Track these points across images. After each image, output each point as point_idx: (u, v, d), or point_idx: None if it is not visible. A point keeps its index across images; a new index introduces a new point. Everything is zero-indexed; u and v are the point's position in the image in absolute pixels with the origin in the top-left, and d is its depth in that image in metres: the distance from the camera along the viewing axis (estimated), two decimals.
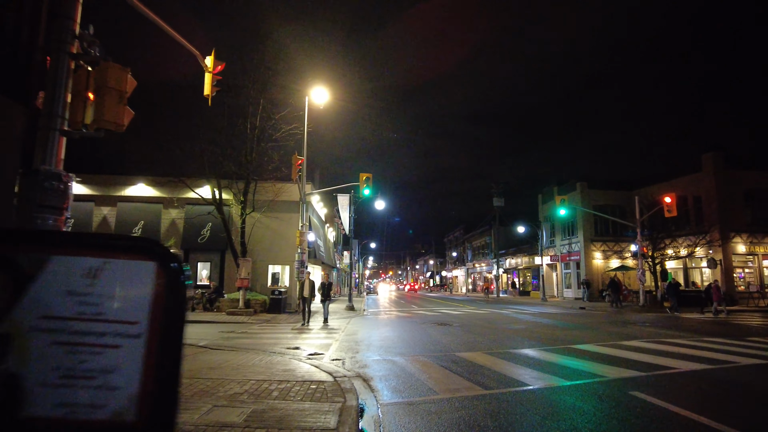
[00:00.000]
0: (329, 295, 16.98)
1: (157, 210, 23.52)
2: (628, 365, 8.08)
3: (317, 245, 26.19)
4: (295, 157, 19.31)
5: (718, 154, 30.64)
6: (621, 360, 8.64)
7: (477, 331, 14.05)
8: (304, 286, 16.16)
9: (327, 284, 17.03)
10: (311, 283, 16.67)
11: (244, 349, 10.14)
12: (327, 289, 16.85)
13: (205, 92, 11.53)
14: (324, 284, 16.95)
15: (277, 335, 13.28)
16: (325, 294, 16.76)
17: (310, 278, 16.76)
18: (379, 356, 9.43)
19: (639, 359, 8.70)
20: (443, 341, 11.69)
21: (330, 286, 17.30)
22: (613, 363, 8.33)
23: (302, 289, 16.20)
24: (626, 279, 36.49)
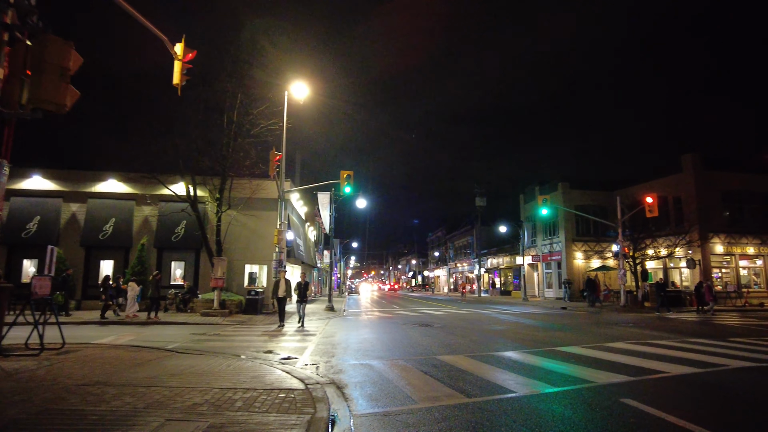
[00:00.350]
0: (305, 295, 15.98)
1: (130, 207, 22.63)
2: (616, 369, 7.73)
3: (296, 244, 25.57)
4: (273, 153, 18.69)
5: (696, 155, 30.88)
6: (608, 363, 8.29)
7: (459, 333, 13.65)
8: (279, 286, 15.39)
9: (303, 284, 16.01)
10: (287, 282, 15.79)
11: (213, 353, 9.55)
12: (303, 290, 15.85)
13: (174, 81, 10.90)
14: (300, 284, 16.01)
15: (251, 338, 12.70)
16: (301, 295, 15.81)
17: (286, 277, 16.01)
18: (356, 360, 8.94)
19: (627, 362, 8.37)
20: (424, 343, 11.25)
21: (306, 287, 16.21)
22: (601, 367, 7.98)
23: (277, 289, 15.45)
24: (607, 279, 36.66)
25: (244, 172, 21.09)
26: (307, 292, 16.14)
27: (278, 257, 20.42)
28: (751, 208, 31.49)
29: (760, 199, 31.59)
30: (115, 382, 6.43)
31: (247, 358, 9.07)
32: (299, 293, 15.79)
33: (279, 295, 15.33)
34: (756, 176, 31.31)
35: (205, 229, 21.74)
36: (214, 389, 6.20)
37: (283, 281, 15.59)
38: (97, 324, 16.04)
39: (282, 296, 15.32)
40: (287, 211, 23.70)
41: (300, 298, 15.77)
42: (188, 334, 13.41)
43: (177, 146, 19.86)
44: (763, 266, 31.27)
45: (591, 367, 7.90)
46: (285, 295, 15.42)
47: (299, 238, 27.43)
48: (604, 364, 8.18)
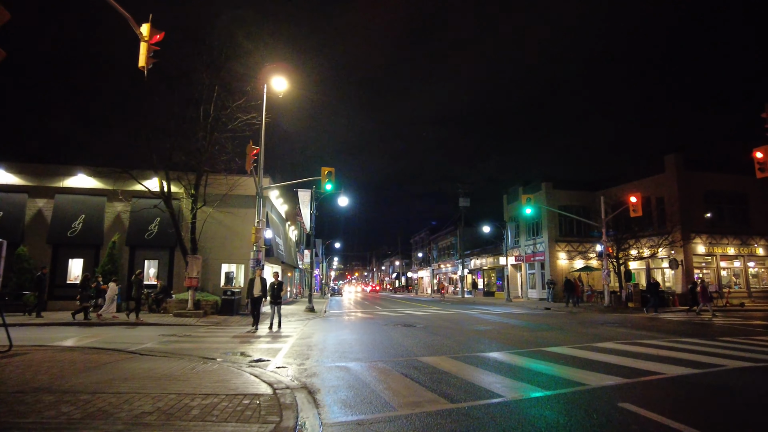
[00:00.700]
0: (279, 296, 14.85)
1: (101, 203, 21.65)
2: (609, 370, 7.26)
3: (276, 243, 24.82)
4: (250, 147, 17.97)
5: (679, 156, 30.92)
6: (600, 364, 7.83)
7: (442, 333, 13.12)
8: (254, 285, 14.34)
9: (276, 284, 14.85)
10: (262, 281, 14.73)
11: (179, 356, 8.85)
12: (276, 290, 14.74)
13: (140, 63, 10.17)
14: (273, 284, 14.83)
15: (223, 339, 11.99)
16: (275, 296, 14.71)
17: (261, 276, 14.97)
18: (332, 363, 8.33)
19: (619, 363, 7.91)
20: (405, 344, 10.69)
21: (280, 287, 15.02)
22: (592, 368, 7.50)
23: (251, 288, 14.37)
24: (590, 279, 36.59)
25: (221, 167, 20.32)
26: (281, 292, 15.07)
27: (256, 256, 19.69)
28: (730, 209, 31.67)
29: (740, 200, 31.80)
30: (57, 389, 5.72)
31: (215, 360, 8.39)
32: (273, 294, 14.74)
33: (254, 294, 14.27)
34: (735, 177, 31.49)
35: (180, 226, 20.89)
36: (170, 395, 5.54)
37: (258, 280, 14.51)
38: (68, 325, 15.21)
39: (257, 296, 14.32)
40: (266, 208, 22.96)
41: (274, 299, 14.72)
42: (157, 335, 12.64)
43: (149, 139, 19.00)
44: (743, 267, 31.46)
45: (582, 369, 7.42)
46: (261, 295, 14.47)
47: (279, 237, 26.68)
48: (596, 365, 7.71)
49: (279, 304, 14.82)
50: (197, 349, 10.12)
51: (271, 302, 14.79)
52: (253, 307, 14.47)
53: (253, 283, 14.46)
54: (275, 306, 14.68)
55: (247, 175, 20.99)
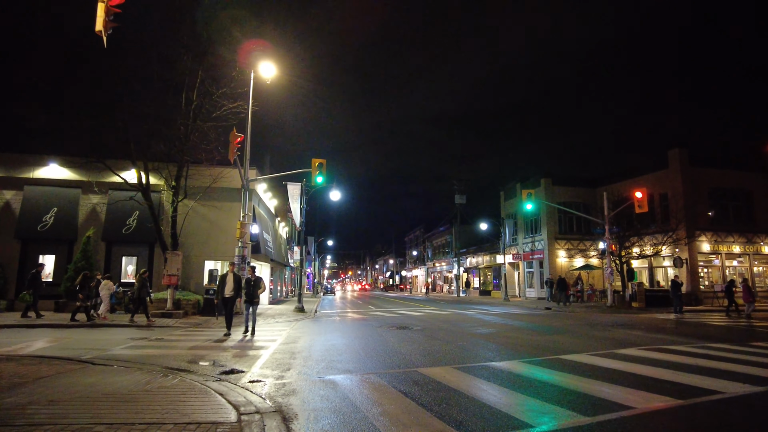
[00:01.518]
0: (255, 295, 12.59)
1: (75, 195, 20.21)
2: (652, 386, 6.03)
3: (263, 239, 23.47)
4: (233, 134, 16.61)
5: (683, 151, 29.89)
6: (636, 379, 6.60)
7: (442, 337, 11.87)
8: (226, 282, 12.53)
9: (252, 281, 12.70)
10: (236, 278, 12.82)
11: (139, 366, 7.55)
12: (252, 288, 12.59)
13: (97, 27, 8.77)
14: (249, 281, 12.67)
15: (199, 344, 10.66)
16: (250, 294, 12.54)
17: (235, 272, 13.07)
18: (317, 375, 7.05)
19: (657, 376, 6.69)
20: (402, 351, 9.41)
21: (257, 284, 12.74)
22: (629, 383, 6.27)
23: (222, 287, 12.54)
24: (590, 278, 35.55)
25: (203, 156, 18.95)
26: (257, 290, 12.66)
27: (241, 252, 18.42)
28: (735, 206, 30.73)
29: (745, 197, 30.87)
30: None
31: (179, 372, 7.08)
32: (247, 292, 12.56)
33: (225, 293, 12.47)
34: (740, 174, 30.57)
35: (160, 220, 19.55)
36: (100, 425, 4.25)
37: (231, 276, 12.66)
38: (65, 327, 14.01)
39: (230, 295, 12.54)
40: (252, 202, 21.62)
41: (249, 299, 12.51)
42: (125, 339, 11.31)
43: (126, 126, 17.59)
44: (748, 265, 30.49)
45: (617, 384, 6.19)
46: (233, 294, 12.62)
47: (267, 233, 25.32)
48: (632, 380, 6.48)
49: (255, 305, 12.70)
50: (164, 356, 8.80)
51: (246, 302, 12.58)
52: (225, 309, 12.72)
53: (224, 281, 12.61)
54: (250, 307, 12.55)
55: (231, 166, 19.65)
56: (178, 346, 10.22)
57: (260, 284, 12.80)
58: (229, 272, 12.88)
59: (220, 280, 12.74)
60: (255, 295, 12.59)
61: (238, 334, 12.19)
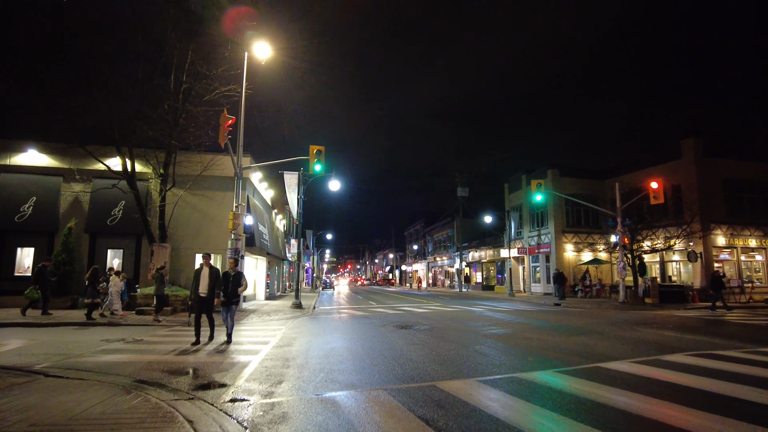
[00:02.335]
0: (236, 294, 10.27)
1: (56, 184, 18.88)
2: (731, 410, 4.78)
3: (259, 231, 22.18)
4: (224, 116, 15.25)
5: (698, 140, 28.61)
6: (706, 398, 5.35)
7: (454, 338, 10.63)
8: (200, 278, 10.07)
9: (232, 275, 10.31)
10: (213, 273, 10.21)
11: (101, 377, 6.32)
12: (232, 285, 10.20)
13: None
14: (228, 276, 10.29)
15: (180, 347, 9.40)
16: (229, 294, 10.15)
17: (211, 265, 10.42)
18: (315, 392, 5.79)
19: (732, 393, 5.43)
20: (413, 357, 8.16)
21: (237, 280, 10.35)
22: (701, 403, 5.02)
23: (197, 284, 10.07)
24: (598, 273, 34.36)
25: (190, 139, 17.64)
26: (238, 288, 10.31)
27: (233, 245, 17.15)
28: (750, 199, 29.47)
29: (761, 188, 29.61)
30: None
31: (145, 386, 5.83)
32: (225, 291, 10.17)
33: (200, 292, 9.97)
34: (756, 165, 29.29)
35: (148, 210, 18.29)
36: None
37: (206, 271, 10.17)
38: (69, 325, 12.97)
39: (205, 294, 9.97)
40: (246, 191, 20.34)
41: (227, 298, 10.16)
42: (98, 341, 10.06)
43: (109, 108, 16.25)
44: (765, 260, 29.29)
45: (691, 406, 4.93)
46: (209, 294, 10.02)
47: (263, 225, 24.02)
48: (703, 400, 5.23)
49: (234, 304, 10.33)
50: (136, 363, 7.55)
51: (223, 303, 10.18)
52: (197, 311, 10.00)
53: (199, 277, 10.12)
54: (228, 309, 10.21)
55: (223, 153, 18.37)
56: (156, 350, 8.96)
57: (241, 281, 10.40)
58: (204, 266, 10.31)
59: (194, 276, 10.27)
60: (235, 294, 10.28)
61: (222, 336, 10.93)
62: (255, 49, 17.50)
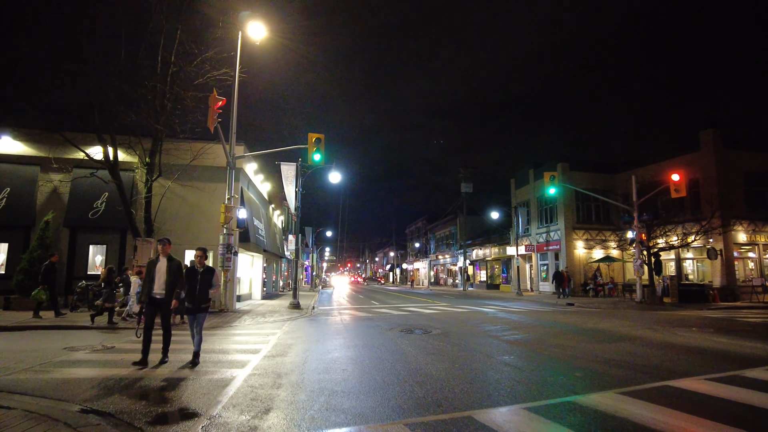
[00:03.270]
0: (205, 298, 7.53)
1: (32, 173, 17.41)
2: None
3: (254, 226, 20.73)
4: (213, 97, 13.78)
5: (717, 132, 27.14)
6: None
7: (473, 345, 9.20)
8: (155, 274, 7.39)
9: (200, 272, 7.61)
10: (173, 268, 7.47)
11: (38, 401, 4.89)
12: (201, 286, 7.51)
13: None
14: (195, 272, 7.60)
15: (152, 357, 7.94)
16: (196, 298, 7.43)
17: (171, 256, 7.65)
18: (312, 428, 4.34)
19: None
20: (433, 372, 6.72)
21: (206, 279, 7.61)
22: None
23: (150, 282, 7.36)
24: (610, 271, 32.93)
25: (180, 127, 16.19)
26: (208, 289, 7.60)
27: (226, 240, 15.78)
28: None
29: None
30: None
31: (93, 416, 4.39)
32: (191, 293, 7.45)
33: (155, 292, 7.31)
34: None
35: (133, 203, 16.84)
36: None
37: (164, 264, 7.44)
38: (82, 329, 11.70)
39: (161, 296, 7.30)
40: (240, 183, 18.90)
41: (193, 304, 7.44)
42: (59, 349, 8.62)
43: (89, 89, 14.77)
44: None
45: None
46: (166, 295, 7.30)
47: (258, 220, 22.57)
48: None
49: (203, 312, 7.55)
50: (93, 380, 6.12)
51: (189, 309, 7.53)
52: (148, 317, 7.36)
53: (153, 270, 7.41)
54: (194, 318, 7.51)
55: (215, 142, 16.94)
56: (124, 361, 7.50)
57: (212, 280, 7.64)
58: (161, 257, 7.53)
59: (147, 269, 7.50)
60: (204, 297, 7.51)
61: (183, 355, 9.46)
62: (249, 29, 16.15)
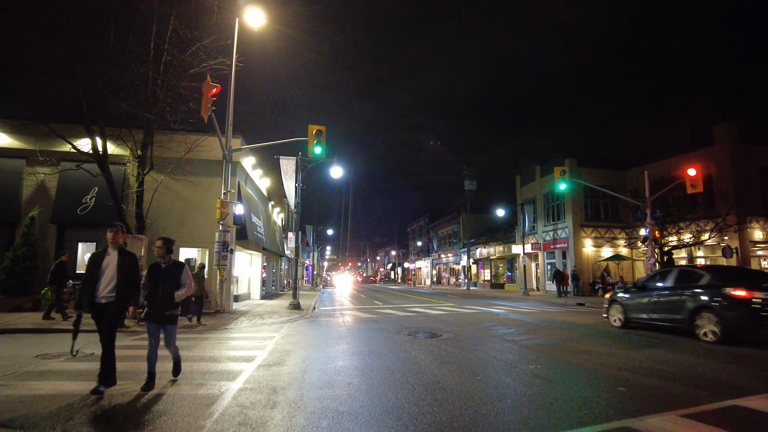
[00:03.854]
0: (169, 302, 5.81)
1: (17, 167, 16.54)
2: None
3: (251, 223, 19.82)
4: (207, 84, 12.86)
5: (733, 125, 26.19)
6: None
7: (491, 352, 8.30)
8: (101, 271, 5.58)
9: (164, 267, 5.94)
10: (126, 263, 5.66)
11: None
12: (164, 287, 5.82)
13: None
14: (158, 268, 5.93)
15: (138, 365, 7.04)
16: (158, 301, 5.78)
17: (123, 248, 5.86)
18: None
19: None
20: (451, 386, 5.81)
21: (171, 276, 5.91)
22: None
23: (93, 281, 5.55)
24: (619, 270, 32.00)
25: (173, 117, 15.28)
26: (177, 291, 5.90)
27: (222, 237, 14.89)
28: None
29: None
30: None
31: None
32: (151, 295, 5.80)
33: (99, 296, 5.52)
34: None
35: (124, 197, 15.97)
36: None
37: (114, 258, 5.66)
38: None
39: (107, 299, 5.52)
40: (237, 178, 18.02)
41: (155, 309, 5.79)
42: (31, 357, 7.74)
43: (75, 75, 13.84)
44: None
45: None
46: (117, 298, 5.54)
47: (257, 217, 21.65)
48: None
49: (170, 323, 5.91)
50: (56, 397, 5.23)
51: (148, 315, 5.82)
52: (99, 330, 5.55)
53: (99, 267, 5.61)
54: (159, 328, 5.84)
55: (211, 134, 16.05)
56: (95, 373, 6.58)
57: (180, 277, 5.94)
58: (110, 249, 5.73)
59: (89, 266, 5.65)
60: (169, 301, 5.77)
61: (127, 384, 8.40)
62: (247, 15, 15.27)
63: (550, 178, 33.42)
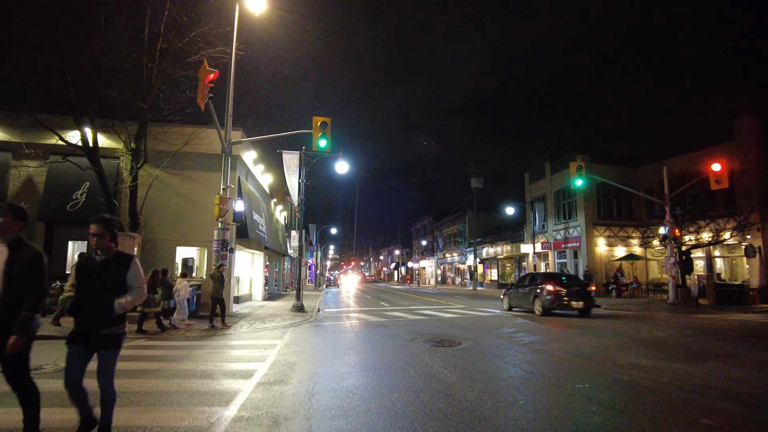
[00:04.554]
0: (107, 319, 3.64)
1: (2, 161, 15.58)
2: None
3: (252, 220, 18.80)
4: (204, 69, 11.81)
5: (754, 119, 25.07)
6: None
7: (525, 366, 7.28)
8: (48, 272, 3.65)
9: (98, 263, 3.73)
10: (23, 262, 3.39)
11: None
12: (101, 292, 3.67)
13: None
14: (92, 264, 3.74)
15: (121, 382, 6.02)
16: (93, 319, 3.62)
17: (22, 240, 3.53)
18: None
19: None
20: (493, 417, 4.77)
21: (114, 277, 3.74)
22: None
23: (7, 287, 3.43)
24: (633, 269, 30.91)
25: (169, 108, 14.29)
26: (116, 298, 3.66)
27: (221, 235, 13.86)
28: None
29: None
30: None
31: None
32: (76, 305, 3.64)
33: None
34: None
35: (117, 193, 15.00)
36: None
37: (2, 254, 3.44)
38: None
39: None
40: (238, 173, 17.02)
41: (84, 327, 3.64)
42: None
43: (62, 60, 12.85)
44: None
45: None
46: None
47: (258, 214, 20.63)
48: None
49: (112, 346, 3.72)
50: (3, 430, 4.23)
51: (77, 338, 3.64)
52: None
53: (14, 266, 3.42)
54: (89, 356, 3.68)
55: (209, 126, 15.09)
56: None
57: (126, 277, 3.77)
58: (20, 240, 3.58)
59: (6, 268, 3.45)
60: (107, 312, 3.64)
61: None
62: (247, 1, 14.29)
63: (561, 175, 32.39)
